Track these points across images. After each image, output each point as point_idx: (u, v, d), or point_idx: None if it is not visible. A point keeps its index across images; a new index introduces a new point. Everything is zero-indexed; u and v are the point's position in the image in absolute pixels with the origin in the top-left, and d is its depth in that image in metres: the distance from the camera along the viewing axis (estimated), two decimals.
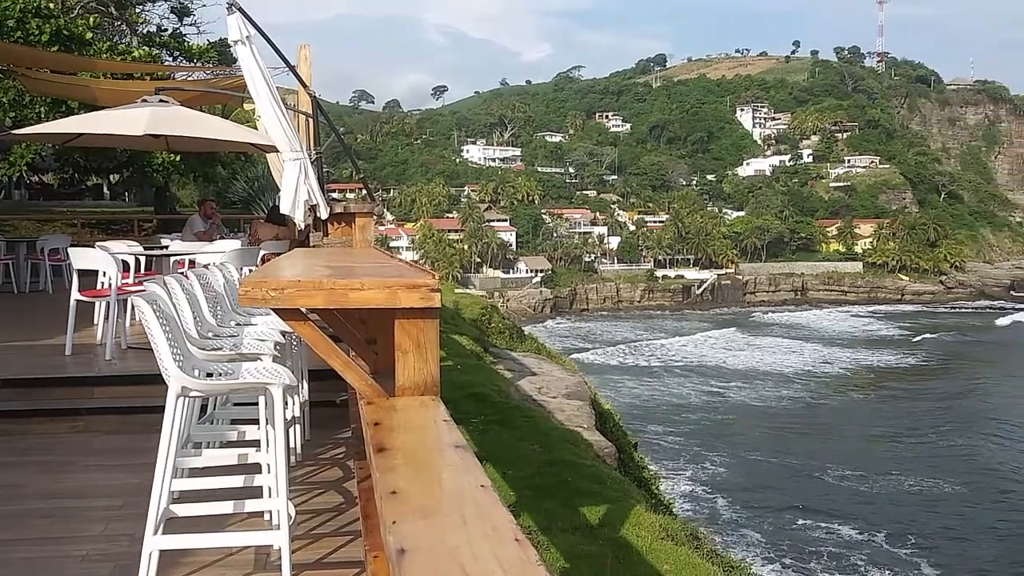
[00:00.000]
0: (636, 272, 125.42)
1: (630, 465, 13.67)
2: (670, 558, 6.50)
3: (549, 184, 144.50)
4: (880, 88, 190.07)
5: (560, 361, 16.31)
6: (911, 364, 79.00)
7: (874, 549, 33.32)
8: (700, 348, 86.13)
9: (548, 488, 7.58)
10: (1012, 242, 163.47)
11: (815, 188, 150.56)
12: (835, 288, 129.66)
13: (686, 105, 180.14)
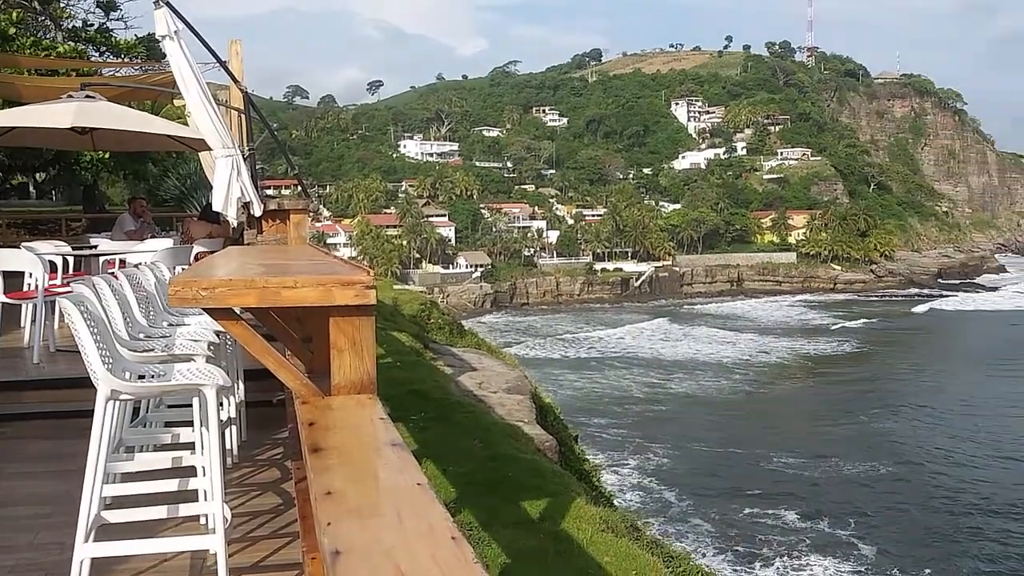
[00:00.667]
0: (575, 265, 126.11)
1: (571, 458, 13.75)
2: (611, 550, 6.55)
3: (487, 179, 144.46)
4: (811, 82, 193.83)
5: (500, 356, 16.33)
6: (844, 351, 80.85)
7: (818, 533, 34.21)
8: (639, 340, 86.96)
9: (489, 483, 7.58)
10: (938, 231, 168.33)
11: (749, 180, 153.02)
12: (770, 278, 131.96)
13: (622, 99, 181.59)
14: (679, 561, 7.51)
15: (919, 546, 33.13)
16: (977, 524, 35.42)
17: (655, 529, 32.50)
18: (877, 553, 32.31)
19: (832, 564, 31.46)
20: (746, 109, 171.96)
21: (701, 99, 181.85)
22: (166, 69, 10.38)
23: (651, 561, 6.59)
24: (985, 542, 33.63)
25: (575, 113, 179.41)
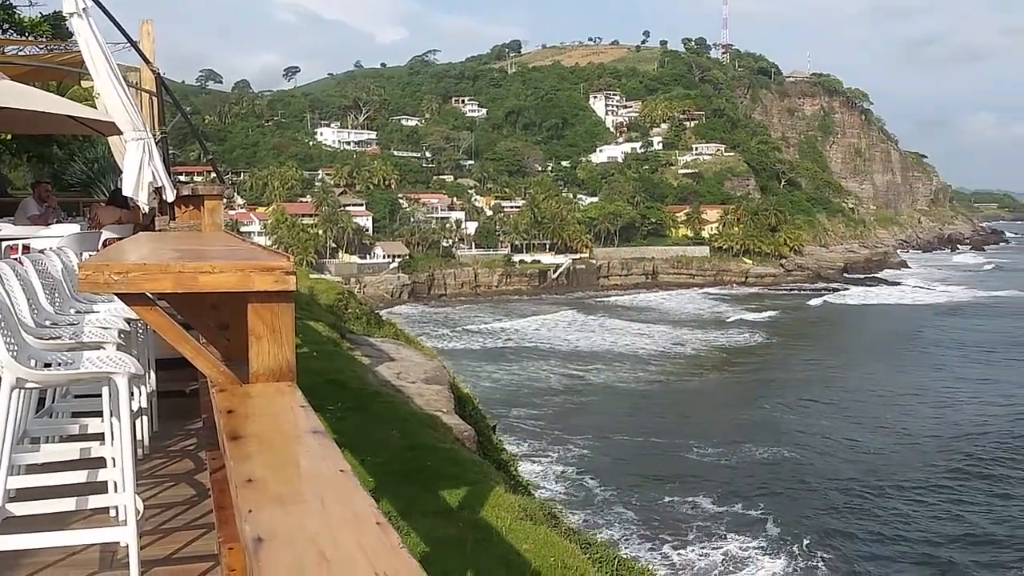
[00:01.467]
0: (493, 257, 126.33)
1: (489, 448, 13.79)
2: (529, 537, 6.60)
3: (406, 168, 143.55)
4: (725, 79, 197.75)
5: (419, 346, 16.25)
6: (754, 343, 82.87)
7: (732, 516, 35.56)
8: (557, 332, 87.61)
9: (408, 473, 7.56)
10: (845, 227, 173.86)
11: (665, 175, 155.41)
12: (684, 272, 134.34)
13: (541, 91, 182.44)
14: (596, 548, 7.61)
15: (820, 523, 35.12)
16: (870, 502, 37.58)
17: (581, 519, 33.59)
18: (782, 531, 33.88)
19: (744, 542, 32.78)
20: (663, 104, 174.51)
21: (619, 93, 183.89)
22: (73, 49, 10.02)
23: (569, 548, 6.67)
24: (876, 517, 35.83)
25: (494, 104, 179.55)
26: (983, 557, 32.36)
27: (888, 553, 32.87)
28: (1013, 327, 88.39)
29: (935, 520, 35.89)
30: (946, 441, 46.72)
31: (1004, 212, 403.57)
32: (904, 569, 31.68)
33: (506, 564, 6.01)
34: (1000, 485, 40.00)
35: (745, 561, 31.66)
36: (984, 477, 40.98)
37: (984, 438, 47.04)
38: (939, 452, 44.76)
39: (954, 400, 57.06)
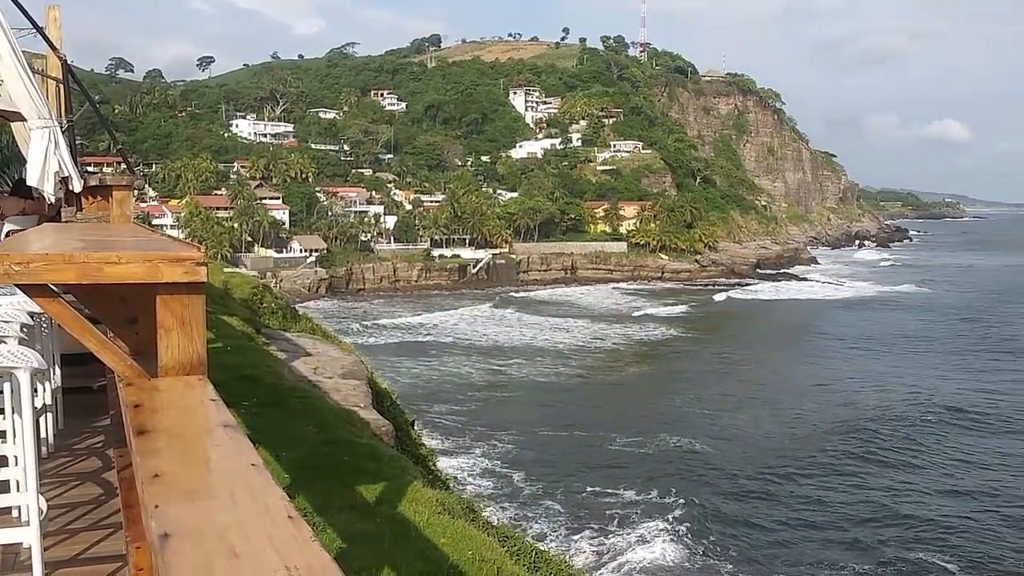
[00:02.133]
0: (413, 251, 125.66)
1: (407, 443, 13.74)
2: (447, 531, 6.60)
3: (323, 161, 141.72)
4: (643, 77, 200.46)
5: (336, 341, 16.07)
6: (670, 336, 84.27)
7: (648, 503, 36.90)
8: (477, 327, 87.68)
9: (324, 468, 7.48)
10: (758, 224, 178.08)
11: (584, 171, 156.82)
12: (602, 267, 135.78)
13: (461, 86, 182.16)
14: (514, 541, 7.65)
15: (730, 508, 37.06)
16: (776, 487, 39.59)
17: (511, 513, 34.22)
18: (695, 517, 35.52)
19: (657, 528, 34.07)
20: (582, 101, 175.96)
21: (538, 89, 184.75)
22: None
23: (487, 541, 6.69)
24: (782, 500, 37.83)
25: (414, 98, 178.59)
26: (886, 534, 34.16)
27: (794, 536, 34.38)
28: (908, 320, 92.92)
29: (839, 503, 37.81)
30: (848, 428, 48.90)
31: (908, 211, 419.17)
32: (811, 550, 33.06)
33: (424, 558, 6.01)
34: (898, 468, 42.35)
35: (657, 546, 32.69)
36: (883, 461, 43.27)
37: (883, 424, 49.48)
38: (841, 438, 46.94)
39: (854, 389, 59.61)
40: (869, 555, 32.39)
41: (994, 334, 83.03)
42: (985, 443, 46.60)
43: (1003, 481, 40.44)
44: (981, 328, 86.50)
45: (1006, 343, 77.90)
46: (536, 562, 7.11)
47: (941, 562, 31.64)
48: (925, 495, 38.68)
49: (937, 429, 48.75)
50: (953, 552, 32.63)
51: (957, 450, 45.27)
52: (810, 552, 32.92)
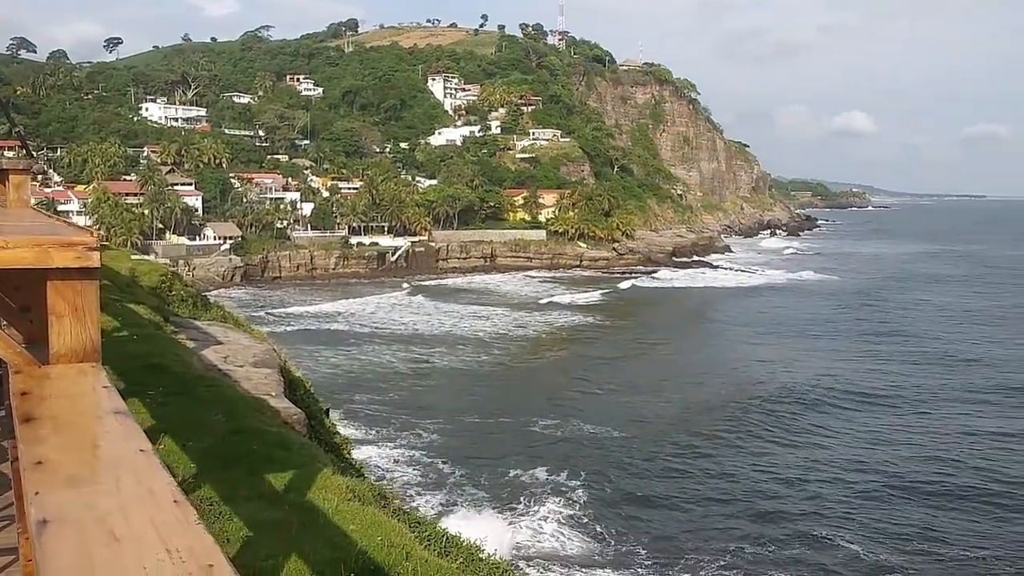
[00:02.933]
0: (330, 239, 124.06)
1: (321, 431, 13.65)
2: (356, 518, 6.60)
3: (238, 147, 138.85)
4: (561, 65, 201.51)
5: (248, 329, 15.81)
6: (588, 323, 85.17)
7: (564, 485, 37.85)
8: (398, 316, 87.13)
9: (232, 457, 7.39)
10: (674, 212, 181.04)
11: (503, 159, 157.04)
12: (521, 255, 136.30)
13: (379, 72, 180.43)
14: (425, 526, 7.69)
15: (637, 485, 38.76)
16: (680, 463, 41.67)
17: (438, 500, 34.52)
18: (607, 496, 37.08)
19: (571, 508, 35.30)
20: (501, 89, 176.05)
21: (457, 76, 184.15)
22: None
23: (396, 527, 6.71)
24: (683, 478, 39.72)
25: (331, 83, 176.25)
26: (790, 508, 35.99)
27: (704, 512, 35.89)
28: (812, 306, 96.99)
29: (746, 479, 39.61)
30: (750, 408, 51.39)
31: (817, 200, 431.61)
32: (718, 525, 34.50)
33: (332, 545, 6.00)
34: (799, 446, 44.89)
35: (570, 527, 33.72)
36: (783, 440, 45.84)
37: (785, 404, 52.20)
38: (744, 418, 49.46)
39: (757, 372, 61.92)
40: (775, 530, 33.66)
41: (889, 319, 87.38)
42: (877, 420, 49.52)
43: (898, 454, 43.21)
44: (878, 313, 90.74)
45: (899, 328, 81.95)
46: (447, 546, 7.16)
47: (841, 534, 33.31)
48: (825, 470, 40.76)
49: (834, 408, 51.91)
50: (853, 524, 34.55)
51: (851, 427, 48.22)
52: (717, 527, 34.37)
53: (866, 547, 32.29)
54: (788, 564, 31.00)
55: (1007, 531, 34.25)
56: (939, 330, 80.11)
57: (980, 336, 76.90)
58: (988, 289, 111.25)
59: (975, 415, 50.56)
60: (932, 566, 31.08)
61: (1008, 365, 63.82)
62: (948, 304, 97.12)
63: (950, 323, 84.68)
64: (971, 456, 42.59)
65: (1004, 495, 37.45)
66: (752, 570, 30.43)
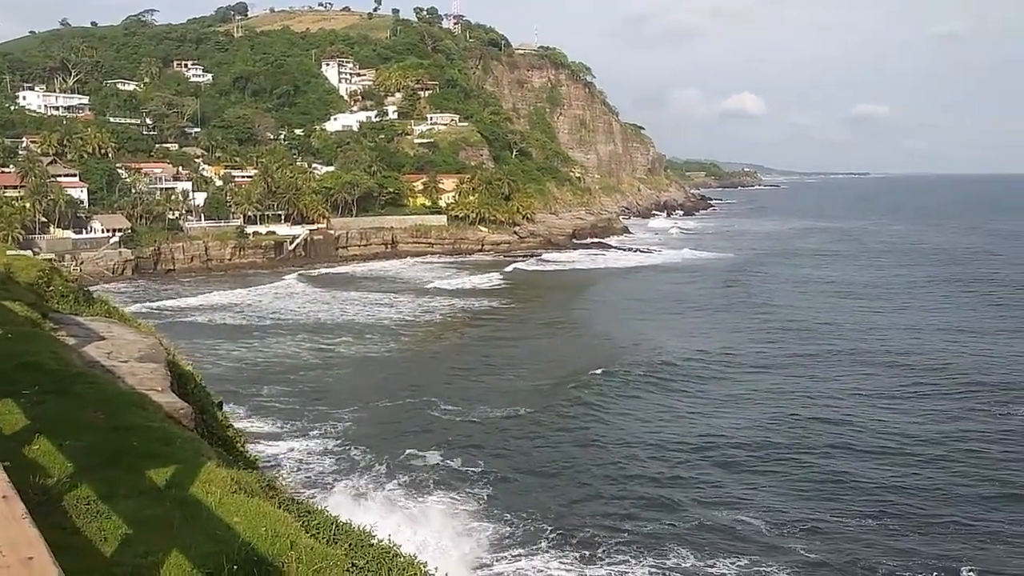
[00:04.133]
0: (225, 229, 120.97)
1: (214, 425, 13.38)
2: (241, 510, 6.50)
3: (124, 136, 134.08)
4: (457, 49, 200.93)
5: (134, 324, 15.32)
6: (491, 307, 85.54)
7: (457, 467, 38.78)
8: (300, 305, 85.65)
9: (112, 455, 7.18)
10: (573, 195, 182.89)
11: (401, 144, 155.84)
12: (423, 241, 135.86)
13: (270, 57, 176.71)
14: (315, 515, 7.63)
15: (531, 461, 40.01)
16: (567, 442, 42.80)
17: (348, 487, 34.42)
18: (500, 477, 37.77)
19: (461, 489, 35.98)
20: (396, 73, 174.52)
21: (352, 61, 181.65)
22: None
23: (282, 516, 6.64)
24: (565, 451, 41.25)
25: (220, 69, 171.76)
26: (665, 473, 37.85)
27: (591, 487, 37.02)
28: (695, 283, 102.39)
29: (622, 445, 41.80)
30: (634, 380, 54.70)
31: (711, 180, 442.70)
32: (609, 496, 35.80)
33: (214, 539, 5.90)
34: (676, 409, 47.98)
35: (466, 509, 34.27)
36: (664, 409, 48.34)
37: (664, 375, 55.68)
38: (629, 389, 52.81)
39: (640, 345, 65.20)
40: (670, 498, 34.73)
41: (769, 292, 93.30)
42: (750, 385, 53.43)
43: (746, 419, 46.43)
44: (760, 287, 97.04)
45: (773, 301, 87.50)
46: (336, 534, 7.12)
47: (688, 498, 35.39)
48: (707, 436, 43.25)
49: (713, 377, 55.74)
50: (735, 486, 37.00)
51: (731, 393, 51.79)
52: (615, 499, 35.50)
53: (757, 512, 33.64)
54: (684, 528, 32.09)
55: (867, 472, 38.36)
56: (806, 302, 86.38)
57: (832, 305, 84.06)
58: (855, 263, 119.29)
59: (842, 378, 54.90)
60: (818, 524, 32.51)
61: (857, 333, 69.54)
62: (821, 277, 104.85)
63: (816, 295, 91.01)
64: (850, 416, 46.47)
65: (865, 445, 42.05)
66: (651, 541, 31.29)
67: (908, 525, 32.88)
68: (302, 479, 36.81)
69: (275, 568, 5.69)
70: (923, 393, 50.90)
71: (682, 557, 30.06)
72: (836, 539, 31.77)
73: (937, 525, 32.80)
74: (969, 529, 32.43)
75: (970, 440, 42.26)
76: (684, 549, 30.57)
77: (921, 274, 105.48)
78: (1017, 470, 38.00)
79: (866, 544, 31.32)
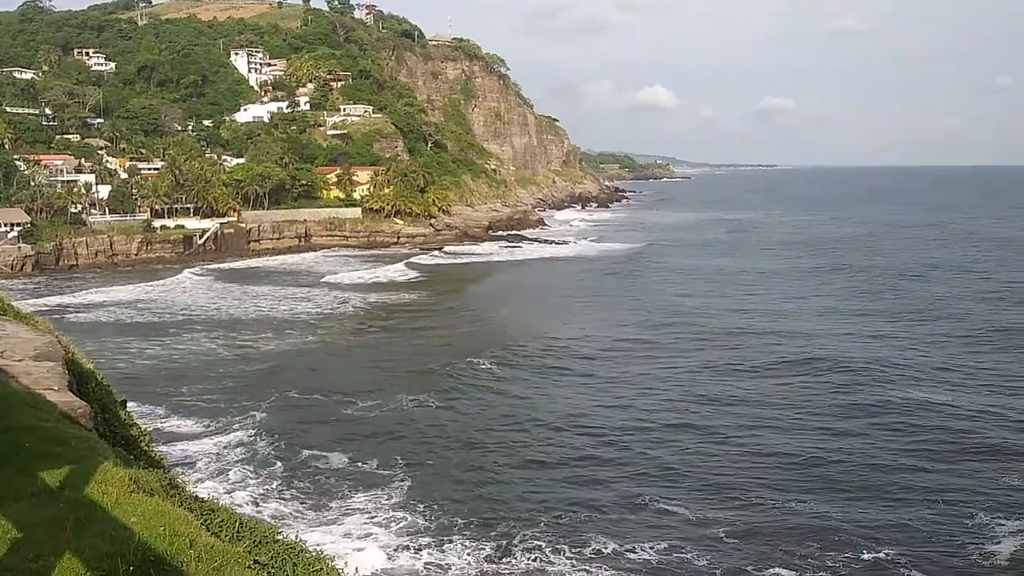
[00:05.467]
0: (131, 223, 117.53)
1: (116, 424, 12.99)
2: (138, 510, 6.34)
3: (21, 127, 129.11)
4: (370, 40, 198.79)
5: (30, 321, 14.73)
6: (408, 301, 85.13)
7: (372, 462, 38.36)
8: (212, 301, 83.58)
9: (2, 457, 6.93)
10: (488, 187, 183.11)
11: (313, 136, 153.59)
12: (337, 233, 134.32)
13: (177, 46, 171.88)
14: (219, 512, 7.50)
15: (454, 457, 39.68)
16: (510, 452, 41.52)
17: (259, 484, 34.40)
18: (406, 469, 37.67)
19: (369, 490, 35.37)
20: (308, 64, 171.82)
21: (262, 51, 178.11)
22: None
23: (182, 515, 6.51)
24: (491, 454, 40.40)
25: (124, 58, 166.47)
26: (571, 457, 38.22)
27: (503, 477, 37.23)
28: (602, 271, 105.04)
29: (541, 450, 41.13)
30: (538, 367, 55.96)
31: (625, 172, 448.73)
32: (525, 487, 35.94)
33: (110, 539, 5.75)
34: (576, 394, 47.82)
35: (381, 501, 34.15)
36: (569, 394, 47.89)
37: (568, 362, 55.66)
38: (528, 376, 53.67)
39: (547, 334, 66.42)
40: (582, 485, 35.10)
41: (650, 282, 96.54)
42: (615, 370, 55.38)
43: (635, 399, 48.64)
44: (639, 278, 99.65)
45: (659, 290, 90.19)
46: (239, 532, 7.01)
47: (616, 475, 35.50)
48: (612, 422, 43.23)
49: (607, 362, 57.84)
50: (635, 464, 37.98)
51: (599, 375, 54.27)
52: (531, 490, 35.67)
53: (665, 490, 34.30)
54: (593, 516, 32.53)
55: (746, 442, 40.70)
56: (693, 289, 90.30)
57: (715, 291, 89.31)
58: (744, 254, 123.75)
59: (718, 359, 57.64)
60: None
61: (734, 316, 73.26)
62: (711, 266, 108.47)
63: (702, 283, 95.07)
64: (731, 391, 49.63)
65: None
66: (568, 528, 31.55)
67: (802, 490, 34.88)
68: (215, 477, 36.25)
69: (173, 568, 5.58)
70: (783, 370, 54.33)
71: (602, 544, 30.24)
72: (751, 512, 32.83)
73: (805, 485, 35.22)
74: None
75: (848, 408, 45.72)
76: (604, 536, 30.74)
77: (807, 263, 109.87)
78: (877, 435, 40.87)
79: (784, 512, 32.68)
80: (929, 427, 42.31)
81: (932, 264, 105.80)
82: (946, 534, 30.94)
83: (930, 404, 45.79)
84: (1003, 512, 32.42)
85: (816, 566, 28.69)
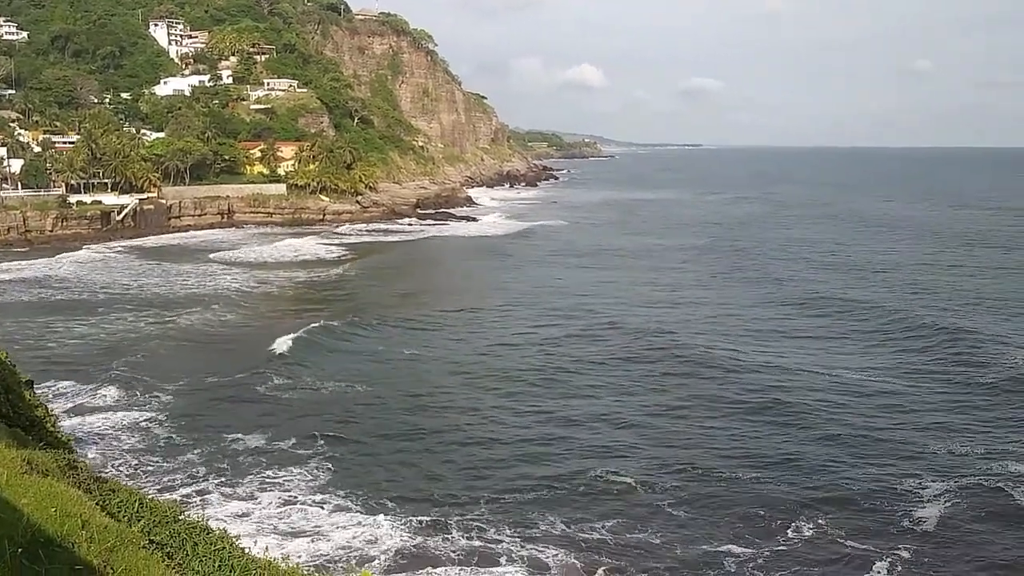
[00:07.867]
0: (46, 198, 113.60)
1: (20, 405, 12.67)
2: (30, 491, 6.23)
3: None
4: (295, 13, 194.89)
5: None
6: (333, 278, 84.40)
7: (280, 451, 37.37)
8: (133, 279, 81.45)
9: None
10: (416, 164, 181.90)
11: (236, 110, 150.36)
12: (261, 210, 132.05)
13: (93, 16, 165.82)
14: (119, 493, 7.39)
15: (365, 440, 39.16)
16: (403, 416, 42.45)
17: (161, 467, 33.86)
18: (331, 449, 37.38)
19: (292, 470, 35.05)
20: (231, 36, 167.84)
21: (183, 22, 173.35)
22: None
23: (76, 496, 6.40)
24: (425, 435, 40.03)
25: (37, 27, 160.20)
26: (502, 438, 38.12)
27: (430, 458, 37.01)
28: (531, 249, 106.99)
29: (471, 426, 41.32)
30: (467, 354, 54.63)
31: (553, 150, 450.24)
32: (459, 467, 35.87)
33: None
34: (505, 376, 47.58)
35: (304, 481, 33.92)
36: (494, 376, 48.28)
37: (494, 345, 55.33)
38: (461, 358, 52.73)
39: (475, 315, 67.06)
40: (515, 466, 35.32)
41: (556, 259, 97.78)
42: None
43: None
44: (553, 255, 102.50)
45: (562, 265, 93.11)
46: (139, 512, 6.93)
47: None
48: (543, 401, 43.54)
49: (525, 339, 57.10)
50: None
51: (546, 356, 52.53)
52: (466, 470, 35.58)
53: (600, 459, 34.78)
54: (528, 494, 32.73)
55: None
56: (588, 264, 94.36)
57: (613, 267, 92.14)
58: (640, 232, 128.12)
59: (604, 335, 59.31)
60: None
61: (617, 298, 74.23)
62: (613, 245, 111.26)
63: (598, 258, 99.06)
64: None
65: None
66: (517, 511, 31.37)
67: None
68: (128, 457, 35.59)
69: (63, 549, 5.50)
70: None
71: (550, 524, 30.14)
72: (700, 485, 33.58)
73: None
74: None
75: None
76: (551, 515, 30.69)
77: (686, 242, 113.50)
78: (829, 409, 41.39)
79: (730, 485, 33.62)
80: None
81: (793, 240, 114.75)
82: (877, 500, 32.36)
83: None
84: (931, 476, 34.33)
85: (763, 535, 29.55)
